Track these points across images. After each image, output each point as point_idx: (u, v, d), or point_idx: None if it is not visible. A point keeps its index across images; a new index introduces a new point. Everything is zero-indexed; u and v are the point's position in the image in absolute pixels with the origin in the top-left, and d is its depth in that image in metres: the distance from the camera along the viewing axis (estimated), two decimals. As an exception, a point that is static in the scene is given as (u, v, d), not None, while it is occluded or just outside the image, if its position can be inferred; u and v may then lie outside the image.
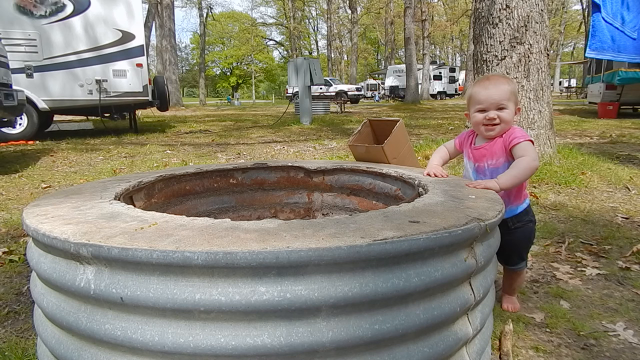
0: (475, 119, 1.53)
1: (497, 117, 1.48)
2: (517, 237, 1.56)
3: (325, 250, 0.81)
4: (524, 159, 1.42)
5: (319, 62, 10.69)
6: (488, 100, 1.49)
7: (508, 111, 1.48)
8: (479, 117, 1.52)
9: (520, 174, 1.42)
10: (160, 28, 21.84)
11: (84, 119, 12.06)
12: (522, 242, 1.60)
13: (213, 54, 56.18)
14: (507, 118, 1.48)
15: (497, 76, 1.58)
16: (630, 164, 4.45)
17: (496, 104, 1.48)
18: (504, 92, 1.48)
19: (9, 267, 2.13)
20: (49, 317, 1.02)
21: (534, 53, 4.01)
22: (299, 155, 5.88)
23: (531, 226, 1.60)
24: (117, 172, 4.71)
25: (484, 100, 1.50)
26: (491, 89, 1.49)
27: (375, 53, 62.09)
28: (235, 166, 1.99)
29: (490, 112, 1.49)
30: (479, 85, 1.54)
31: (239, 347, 0.82)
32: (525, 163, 1.42)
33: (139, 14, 8.56)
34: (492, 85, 1.50)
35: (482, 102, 1.50)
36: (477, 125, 1.54)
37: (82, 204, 1.20)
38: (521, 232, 1.57)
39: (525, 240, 1.61)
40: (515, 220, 1.55)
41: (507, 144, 1.47)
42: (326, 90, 27.93)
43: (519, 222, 1.56)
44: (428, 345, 0.94)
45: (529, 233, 1.60)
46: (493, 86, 1.50)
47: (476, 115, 1.53)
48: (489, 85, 1.50)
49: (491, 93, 1.49)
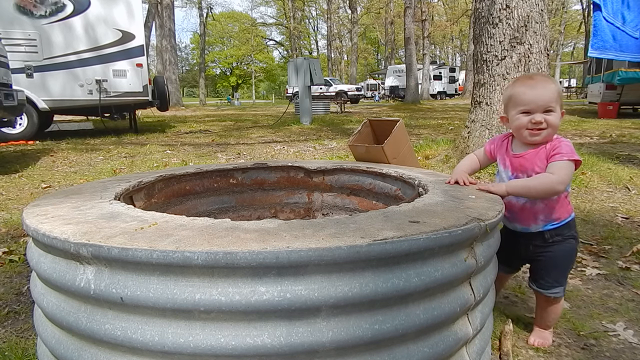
0: (518, 122, 1.35)
1: (544, 120, 1.31)
2: (555, 254, 1.38)
3: (325, 250, 0.81)
4: (550, 176, 1.27)
5: (319, 62, 10.69)
6: (535, 101, 1.32)
7: (556, 115, 1.32)
8: (524, 120, 1.34)
9: (536, 188, 1.29)
10: (160, 28, 21.84)
11: (84, 119, 12.06)
12: (559, 261, 1.39)
13: (213, 54, 56.18)
14: (554, 122, 1.32)
15: (542, 75, 1.41)
16: (630, 164, 4.45)
17: (544, 106, 1.32)
18: (552, 92, 1.32)
19: (9, 267, 2.13)
20: (49, 317, 1.02)
21: (534, 53, 4.01)
22: (299, 155, 5.88)
23: (573, 243, 1.40)
24: (117, 172, 4.71)
25: (530, 101, 1.33)
26: (539, 89, 1.33)
27: (375, 53, 62.10)
28: (235, 166, 1.99)
29: (536, 115, 1.32)
30: (523, 84, 1.37)
31: (239, 347, 0.82)
32: (549, 182, 1.27)
33: (139, 14, 8.56)
34: (539, 85, 1.34)
35: (527, 103, 1.33)
36: (519, 130, 1.37)
37: (82, 204, 1.20)
38: (560, 248, 1.38)
39: (564, 259, 1.40)
40: (554, 233, 1.37)
41: (550, 156, 1.31)
42: (326, 90, 27.93)
43: (559, 235, 1.38)
44: (428, 345, 0.94)
45: (570, 250, 1.40)
46: (541, 86, 1.33)
47: (520, 118, 1.35)
48: (536, 85, 1.34)
49: (539, 94, 1.32)
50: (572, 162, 1.29)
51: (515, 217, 1.42)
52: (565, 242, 1.38)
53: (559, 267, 1.40)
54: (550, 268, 1.39)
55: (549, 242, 1.38)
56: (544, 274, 1.40)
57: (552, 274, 1.40)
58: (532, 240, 1.40)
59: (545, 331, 1.47)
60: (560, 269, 1.41)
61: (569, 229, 1.39)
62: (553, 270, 1.40)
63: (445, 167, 4.22)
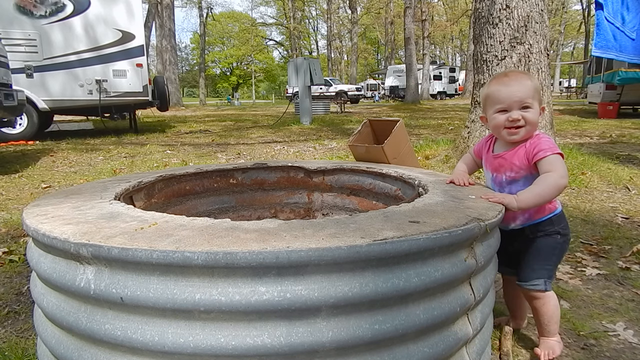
0: (496, 121, 1.33)
1: (521, 117, 1.28)
2: (535, 246, 1.35)
3: (325, 250, 0.81)
4: (551, 175, 1.22)
5: (319, 62, 10.69)
6: (510, 98, 1.29)
7: (533, 111, 1.29)
8: (500, 118, 1.31)
9: (545, 192, 1.23)
10: (160, 28, 21.84)
11: (84, 119, 12.06)
12: (539, 252, 1.35)
13: (213, 54, 56.20)
14: (532, 119, 1.29)
15: (517, 72, 1.39)
16: (630, 164, 4.45)
17: (520, 102, 1.28)
18: (528, 88, 1.29)
19: (9, 267, 2.13)
20: (49, 317, 1.02)
21: (534, 53, 4.01)
22: (299, 155, 5.88)
23: (557, 238, 1.35)
24: (117, 172, 4.71)
25: (505, 98, 1.30)
26: (513, 85, 1.29)
27: (375, 53, 62.10)
28: (235, 166, 1.99)
29: (513, 113, 1.29)
30: (498, 82, 1.33)
31: (239, 347, 0.82)
32: (553, 180, 1.22)
33: (139, 14, 8.56)
34: (513, 81, 1.30)
35: (502, 100, 1.30)
36: (497, 129, 1.34)
37: (82, 204, 1.20)
38: (542, 242, 1.34)
39: (544, 251, 1.34)
40: (535, 229, 1.35)
41: (531, 155, 1.28)
42: (326, 90, 27.93)
43: (540, 232, 1.35)
44: (428, 345, 0.94)
45: (552, 244, 1.35)
46: (515, 82, 1.30)
47: (496, 117, 1.32)
48: (509, 82, 1.30)
49: (513, 90, 1.29)
50: (559, 155, 1.26)
51: None
52: (549, 237, 1.34)
53: (538, 258, 1.35)
54: (529, 259, 1.35)
55: (530, 238, 1.35)
56: (523, 265, 1.36)
57: (530, 265, 1.35)
58: (515, 237, 1.37)
59: (550, 339, 1.39)
60: (539, 261, 1.34)
61: (552, 225, 1.34)
62: (531, 262, 1.35)
63: (445, 167, 4.22)
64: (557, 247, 1.35)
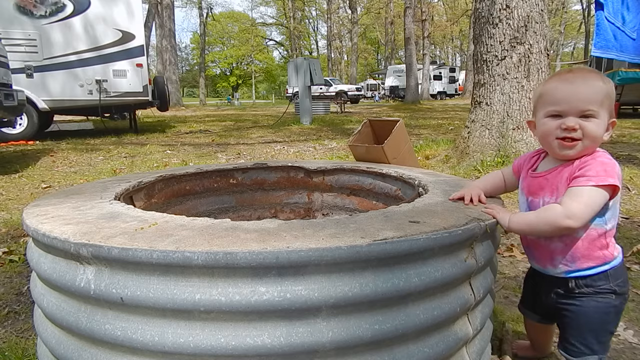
0: (545, 127, 1.04)
1: (578, 127, 0.98)
2: (583, 310, 1.05)
3: (326, 250, 0.81)
4: (557, 208, 0.98)
5: (319, 62, 10.70)
6: (569, 100, 0.99)
7: (598, 122, 0.98)
8: (551, 125, 1.02)
9: (538, 226, 1.02)
10: (160, 28, 21.84)
11: (84, 119, 12.05)
12: (590, 320, 1.06)
13: (213, 54, 56.19)
14: (594, 132, 0.98)
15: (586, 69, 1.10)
16: (630, 164, 4.45)
17: (581, 107, 0.98)
18: (595, 91, 0.98)
19: (9, 267, 2.13)
20: (49, 317, 1.02)
21: (534, 53, 4.01)
22: (299, 155, 5.88)
23: (611, 299, 1.04)
24: (117, 172, 4.71)
25: (562, 99, 1.00)
26: (577, 84, 1.00)
27: (375, 53, 62.10)
28: (235, 166, 1.99)
29: (568, 119, 0.99)
30: (559, 78, 1.04)
31: (239, 347, 0.82)
32: (553, 216, 0.98)
33: (139, 14, 8.56)
34: (578, 79, 1.01)
35: (558, 101, 1.01)
36: (546, 138, 1.05)
37: (82, 204, 1.20)
38: (591, 304, 1.05)
39: (596, 318, 1.05)
40: (583, 283, 1.05)
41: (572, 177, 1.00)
42: (326, 90, 27.93)
43: (589, 287, 1.05)
44: (428, 345, 0.94)
45: (605, 307, 1.04)
46: (580, 80, 1.00)
47: (547, 123, 1.03)
48: (574, 80, 1.01)
49: (576, 90, 0.99)
50: (601, 189, 0.95)
51: (530, 251, 1.17)
52: (599, 297, 1.04)
53: (589, 328, 1.06)
54: (578, 328, 1.07)
55: (575, 294, 1.06)
56: (570, 335, 1.08)
57: (579, 336, 1.06)
58: (554, 285, 1.10)
59: None
60: (591, 331, 1.05)
61: (607, 280, 1.04)
62: (582, 332, 1.06)
63: (445, 167, 4.22)
64: (611, 311, 1.06)
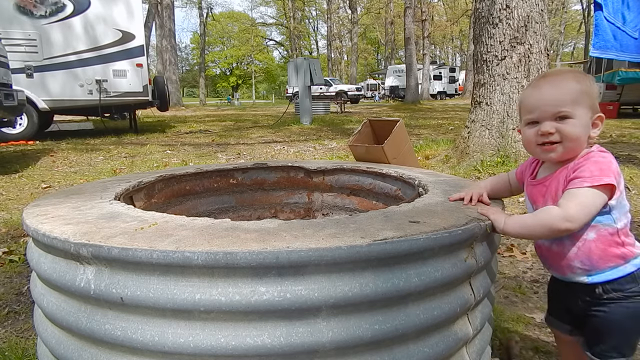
0: (525, 135, 1.05)
1: (555, 130, 0.98)
2: (612, 316, 1.01)
3: (326, 250, 0.81)
4: (554, 210, 0.96)
5: (319, 62, 10.70)
6: (539, 106, 1.00)
7: (574, 122, 0.97)
8: (530, 132, 1.03)
9: (533, 228, 0.99)
10: (160, 28, 21.84)
11: (84, 119, 12.05)
12: (620, 325, 1.02)
13: (213, 54, 56.19)
14: (571, 132, 0.97)
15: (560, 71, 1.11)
16: (630, 164, 4.44)
17: (553, 111, 0.98)
18: (565, 92, 0.98)
19: (9, 267, 2.13)
20: (49, 317, 1.02)
21: (534, 53, 4.01)
22: (299, 155, 5.88)
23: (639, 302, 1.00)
24: (117, 172, 4.71)
25: (534, 105, 1.01)
26: (546, 88, 1.00)
27: (375, 53, 62.11)
28: (235, 166, 1.99)
29: (543, 125, 0.99)
30: (531, 85, 1.06)
31: (239, 347, 0.82)
32: (549, 219, 0.96)
33: (139, 14, 8.57)
34: (547, 84, 1.01)
35: (532, 109, 1.01)
36: (529, 146, 1.06)
37: (82, 204, 1.20)
38: (620, 309, 1.00)
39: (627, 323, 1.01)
40: (610, 288, 1.00)
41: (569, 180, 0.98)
42: (326, 90, 27.94)
43: (617, 291, 1.00)
44: (428, 345, 0.94)
45: (635, 313, 1.00)
46: (548, 85, 1.00)
47: (526, 131, 1.04)
48: (542, 85, 1.01)
49: (545, 95, 0.99)
50: (596, 189, 0.93)
51: (546, 261, 1.12)
52: (629, 301, 1.00)
53: (620, 333, 1.02)
54: (609, 333, 1.02)
55: (604, 299, 1.01)
56: (599, 339, 1.04)
57: (610, 340, 1.02)
58: (579, 292, 1.06)
59: None
60: (622, 336, 1.02)
61: (636, 283, 0.99)
62: (612, 336, 1.02)
63: (445, 167, 4.21)
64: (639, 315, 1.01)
